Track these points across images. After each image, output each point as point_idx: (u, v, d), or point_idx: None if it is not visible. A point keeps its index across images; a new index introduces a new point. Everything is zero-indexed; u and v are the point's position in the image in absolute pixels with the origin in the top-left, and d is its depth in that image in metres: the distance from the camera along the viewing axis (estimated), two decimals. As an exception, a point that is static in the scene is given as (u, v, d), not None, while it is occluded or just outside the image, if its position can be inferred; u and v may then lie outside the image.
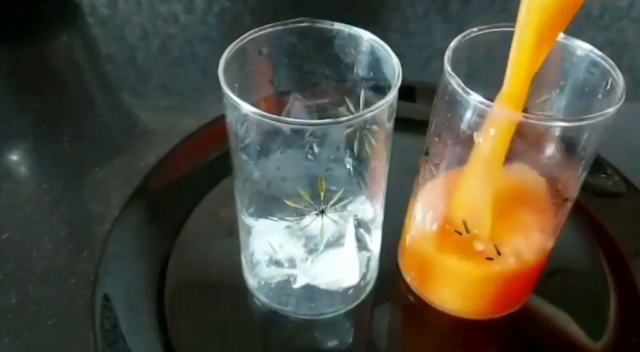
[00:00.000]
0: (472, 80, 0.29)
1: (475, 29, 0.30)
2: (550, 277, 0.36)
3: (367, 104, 0.32)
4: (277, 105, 0.33)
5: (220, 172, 0.40)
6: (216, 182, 0.42)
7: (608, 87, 0.29)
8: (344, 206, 0.31)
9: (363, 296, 0.36)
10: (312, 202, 0.30)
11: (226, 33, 0.61)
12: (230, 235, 0.36)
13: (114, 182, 0.44)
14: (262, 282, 0.35)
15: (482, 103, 0.27)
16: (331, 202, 0.31)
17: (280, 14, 0.63)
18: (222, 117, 0.29)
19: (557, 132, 0.29)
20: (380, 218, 0.34)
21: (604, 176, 0.41)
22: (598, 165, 0.39)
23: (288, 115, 0.33)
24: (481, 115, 0.28)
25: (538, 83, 0.29)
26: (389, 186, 0.33)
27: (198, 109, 0.50)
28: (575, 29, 0.29)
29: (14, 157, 0.48)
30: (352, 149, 0.30)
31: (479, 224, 0.31)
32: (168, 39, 0.60)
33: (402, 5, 0.65)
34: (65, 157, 0.46)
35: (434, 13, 0.64)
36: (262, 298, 0.36)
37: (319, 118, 0.34)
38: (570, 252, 0.39)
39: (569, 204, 0.32)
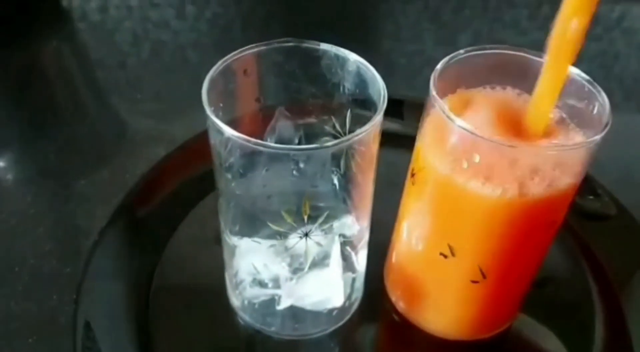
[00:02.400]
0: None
1: (462, 51, 0.30)
2: (536, 297, 0.35)
3: (354, 121, 0.32)
4: (262, 119, 0.33)
5: (206, 187, 0.40)
6: (202, 197, 0.41)
7: (595, 111, 0.29)
8: (330, 226, 0.31)
9: (348, 316, 0.36)
10: (295, 225, 0.30)
11: (218, 39, 0.61)
12: (216, 253, 0.35)
13: (100, 194, 0.44)
14: (246, 302, 0.35)
15: (466, 129, 0.27)
16: (317, 223, 0.30)
17: (273, 21, 0.63)
18: (208, 131, 0.29)
19: (542, 158, 0.29)
20: (366, 237, 0.34)
21: (592, 197, 0.41)
22: (587, 185, 0.39)
23: (273, 131, 0.33)
24: (465, 141, 0.28)
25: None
26: (375, 205, 0.33)
27: (188, 117, 0.50)
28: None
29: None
30: (338, 167, 0.30)
31: (464, 247, 0.31)
32: (159, 45, 0.59)
33: (394, 13, 0.64)
34: (51, 167, 0.46)
35: (426, 21, 0.64)
36: (246, 318, 0.35)
37: (305, 134, 0.33)
38: (556, 273, 0.38)
39: (556, 227, 0.31)
